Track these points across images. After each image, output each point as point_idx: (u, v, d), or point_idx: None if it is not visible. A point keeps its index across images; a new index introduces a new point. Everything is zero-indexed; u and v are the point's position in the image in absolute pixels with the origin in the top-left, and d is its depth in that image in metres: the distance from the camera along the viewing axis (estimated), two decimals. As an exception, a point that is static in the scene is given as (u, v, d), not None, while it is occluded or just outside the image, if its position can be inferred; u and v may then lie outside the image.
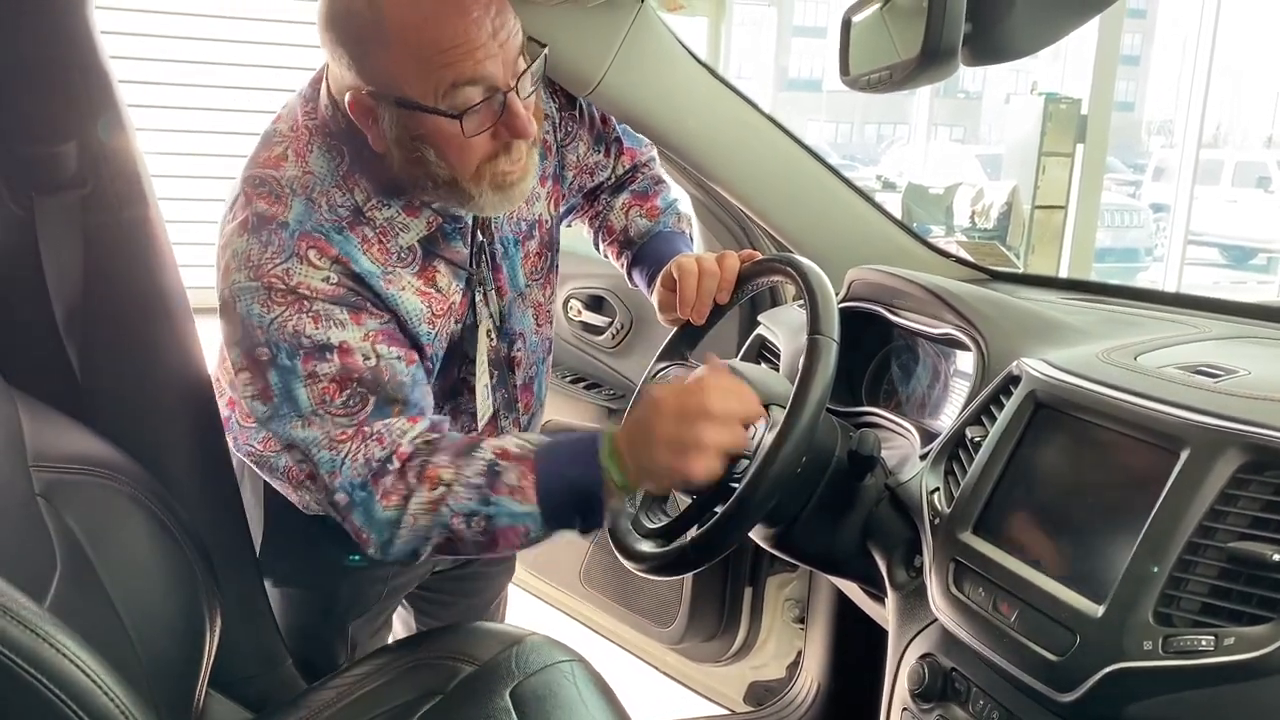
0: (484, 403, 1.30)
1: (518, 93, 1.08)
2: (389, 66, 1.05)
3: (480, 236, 1.26)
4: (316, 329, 1.09)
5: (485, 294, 1.28)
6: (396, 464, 1.11)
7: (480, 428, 1.31)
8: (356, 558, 1.40)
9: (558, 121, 1.39)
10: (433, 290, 1.20)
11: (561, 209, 1.44)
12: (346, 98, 1.09)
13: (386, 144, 1.11)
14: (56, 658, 0.77)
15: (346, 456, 1.10)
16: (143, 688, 1.09)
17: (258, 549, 1.42)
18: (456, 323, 1.26)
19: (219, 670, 1.28)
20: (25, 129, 1.18)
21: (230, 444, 1.36)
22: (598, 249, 1.55)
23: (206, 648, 1.26)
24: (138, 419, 1.26)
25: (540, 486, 1.09)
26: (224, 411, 1.36)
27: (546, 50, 1.13)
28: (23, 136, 1.18)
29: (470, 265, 1.25)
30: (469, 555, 1.15)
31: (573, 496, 1.10)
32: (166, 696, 1.17)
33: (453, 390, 1.31)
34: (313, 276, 1.10)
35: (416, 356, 1.18)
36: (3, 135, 1.17)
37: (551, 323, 1.43)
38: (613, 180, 1.52)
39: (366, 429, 1.11)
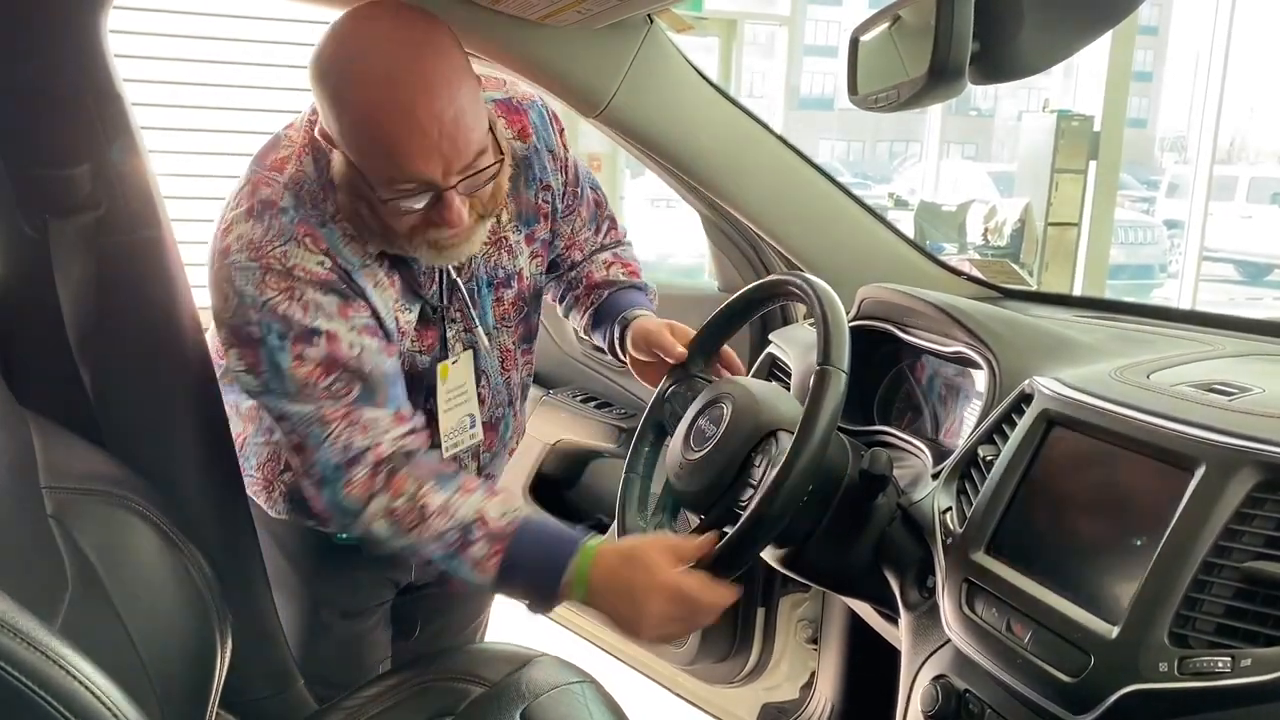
0: (449, 432, 1.33)
1: (456, 190, 1.11)
2: (343, 130, 1.11)
3: (454, 276, 1.29)
4: (305, 316, 1.15)
5: (458, 331, 1.31)
6: (371, 460, 1.17)
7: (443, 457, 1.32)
8: (344, 536, 1.41)
9: (561, 193, 1.40)
10: (390, 297, 1.24)
11: (547, 268, 1.46)
12: (319, 125, 1.15)
13: (342, 188, 1.17)
14: (65, 679, 0.76)
15: (330, 436, 1.16)
16: (153, 709, 1.09)
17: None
18: (422, 353, 1.29)
19: (229, 691, 1.27)
20: (39, 152, 1.19)
21: None
22: (561, 302, 1.55)
23: (217, 668, 1.26)
24: (150, 439, 1.27)
25: (502, 570, 1.16)
26: None
27: (508, 167, 1.18)
28: (37, 160, 1.19)
29: (440, 300, 1.28)
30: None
31: (527, 588, 1.19)
32: (177, 718, 1.17)
33: None
34: (308, 260, 1.15)
35: (395, 352, 1.23)
36: (17, 158, 1.18)
37: (520, 372, 1.44)
38: (596, 247, 1.54)
39: (354, 414, 1.17)
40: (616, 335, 1.44)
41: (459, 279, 1.30)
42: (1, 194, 1.19)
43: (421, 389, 1.30)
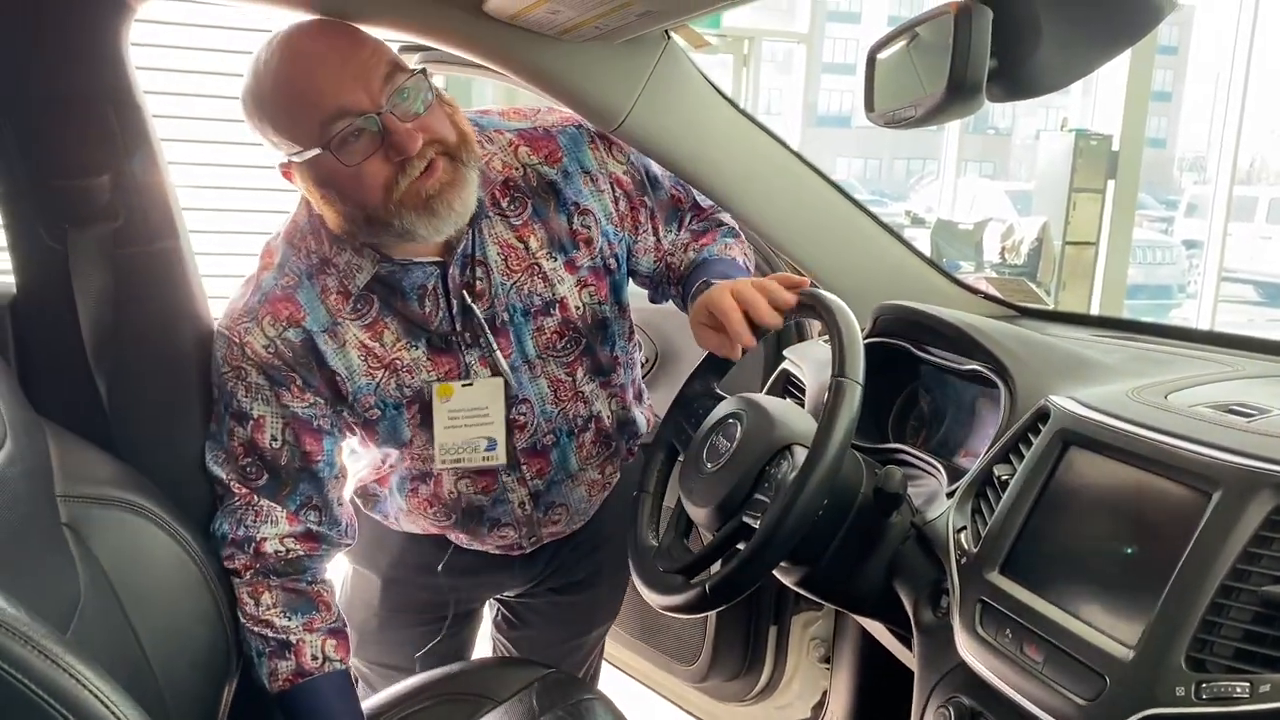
0: (449, 447, 1.34)
1: (394, 113, 1.13)
2: (277, 128, 1.15)
3: (468, 302, 1.28)
4: (245, 398, 1.26)
5: (483, 355, 1.31)
6: (252, 551, 1.26)
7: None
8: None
9: (611, 215, 1.36)
10: (376, 344, 1.28)
11: (611, 298, 1.40)
12: (279, 162, 1.20)
13: (316, 201, 1.20)
14: (75, 687, 0.77)
15: (229, 509, 1.27)
16: (162, 718, 1.09)
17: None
18: (441, 380, 1.30)
19: (240, 702, 1.28)
20: (60, 162, 1.20)
21: None
22: (665, 299, 1.50)
23: (228, 679, 1.26)
24: (165, 450, 1.27)
25: (282, 699, 1.27)
26: None
27: (424, 69, 1.17)
28: (57, 170, 1.20)
29: (453, 327, 1.29)
30: None
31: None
32: (187, 728, 1.17)
33: None
34: (258, 340, 1.24)
35: (324, 453, 1.30)
36: (38, 168, 1.19)
37: (593, 404, 1.41)
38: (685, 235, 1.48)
39: (255, 500, 1.27)
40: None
41: (475, 305, 1.28)
42: (22, 204, 1.21)
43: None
